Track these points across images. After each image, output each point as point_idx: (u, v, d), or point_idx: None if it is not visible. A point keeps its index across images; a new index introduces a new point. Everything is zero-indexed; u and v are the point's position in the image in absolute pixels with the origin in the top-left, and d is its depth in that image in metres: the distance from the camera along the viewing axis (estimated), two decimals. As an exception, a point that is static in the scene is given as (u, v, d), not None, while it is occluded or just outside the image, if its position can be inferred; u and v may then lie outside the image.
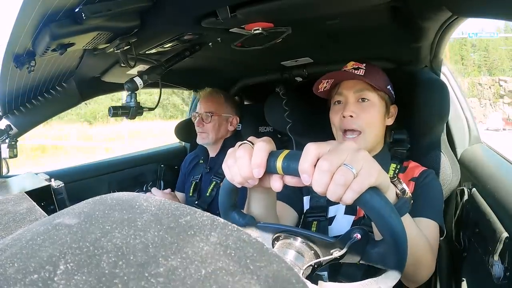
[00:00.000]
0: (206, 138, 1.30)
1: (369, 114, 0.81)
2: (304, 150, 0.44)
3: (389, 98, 0.86)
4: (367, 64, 0.85)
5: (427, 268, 0.62)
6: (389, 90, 0.86)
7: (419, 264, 0.59)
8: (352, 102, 0.83)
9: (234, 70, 1.42)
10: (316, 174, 0.42)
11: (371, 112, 0.82)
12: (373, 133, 0.82)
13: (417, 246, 0.57)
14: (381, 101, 0.84)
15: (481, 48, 38.26)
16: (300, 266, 0.50)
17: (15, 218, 0.47)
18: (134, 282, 0.17)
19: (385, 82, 0.85)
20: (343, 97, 0.84)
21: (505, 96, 29.43)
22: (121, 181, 1.51)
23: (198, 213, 0.24)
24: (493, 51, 36.85)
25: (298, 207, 0.89)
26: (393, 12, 0.72)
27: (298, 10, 0.67)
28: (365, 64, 0.85)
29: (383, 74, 0.88)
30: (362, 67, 0.84)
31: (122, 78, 1.05)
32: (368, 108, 0.82)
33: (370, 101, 0.82)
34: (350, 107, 0.82)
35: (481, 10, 0.55)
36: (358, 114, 0.81)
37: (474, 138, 1.08)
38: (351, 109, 0.81)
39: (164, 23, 0.73)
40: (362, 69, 0.84)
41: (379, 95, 0.83)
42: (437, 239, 0.71)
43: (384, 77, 0.87)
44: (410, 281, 0.63)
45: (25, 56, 0.72)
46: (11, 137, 1.07)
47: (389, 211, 0.43)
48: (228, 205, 0.60)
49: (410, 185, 0.80)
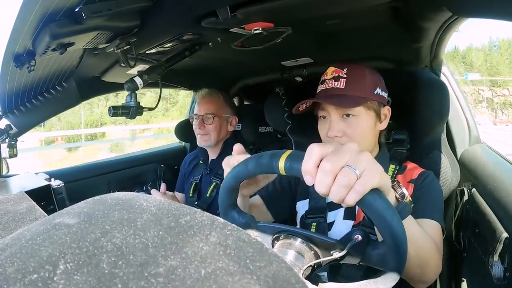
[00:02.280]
0: (208, 140, 1.29)
1: (355, 130, 0.77)
2: (307, 151, 0.44)
3: (379, 103, 0.80)
4: (349, 69, 0.79)
5: (435, 268, 0.62)
6: (378, 94, 0.79)
7: (426, 265, 0.59)
8: (336, 120, 0.78)
9: (234, 70, 1.42)
10: (319, 175, 0.42)
11: (358, 127, 0.77)
12: (362, 143, 0.78)
13: (422, 247, 0.57)
14: (368, 112, 0.78)
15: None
16: (300, 267, 0.50)
17: (15, 217, 0.47)
18: (134, 282, 0.17)
19: (372, 87, 0.78)
20: (327, 112, 0.79)
21: (483, 101, 40.85)
22: (121, 181, 1.51)
23: (198, 213, 0.24)
24: (476, 66, 46.05)
25: (276, 210, 0.89)
26: (393, 12, 0.72)
27: (298, 10, 0.67)
28: (347, 70, 0.78)
29: (371, 74, 0.80)
30: (342, 75, 0.78)
31: (122, 78, 1.05)
32: (354, 123, 0.77)
33: (355, 116, 0.77)
34: (334, 127, 0.77)
35: (481, 10, 0.55)
36: (343, 132, 0.77)
37: (474, 138, 1.07)
38: (336, 129, 0.77)
39: (164, 23, 0.73)
40: (343, 78, 0.78)
41: (365, 106, 0.77)
42: (441, 238, 0.70)
43: (372, 79, 0.79)
44: (418, 282, 0.63)
45: (25, 56, 0.72)
46: (11, 137, 1.07)
47: (391, 213, 0.43)
48: (228, 204, 0.60)
49: (409, 187, 0.79)
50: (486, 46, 45.13)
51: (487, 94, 40.58)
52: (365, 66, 0.81)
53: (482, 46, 45.22)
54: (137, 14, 0.68)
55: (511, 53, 42.00)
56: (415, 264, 0.57)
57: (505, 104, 39.26)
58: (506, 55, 42.34)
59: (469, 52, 45.24)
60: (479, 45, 42.97)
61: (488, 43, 45.96)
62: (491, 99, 40.36)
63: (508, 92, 38.66)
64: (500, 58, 42.77)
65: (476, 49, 45.32)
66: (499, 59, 42.64)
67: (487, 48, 45.01)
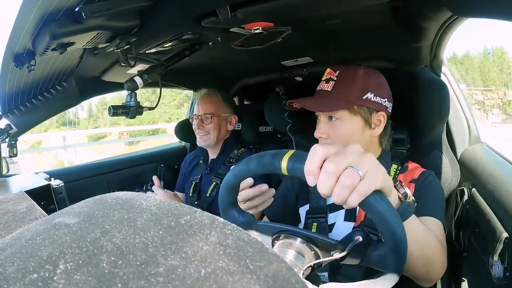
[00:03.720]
0: (207, 140, 1.29)
1: (339, 133, 0.78)
2: (310, 151, 0.44)
3: (368, 109, 0.78)
4: (342, 71, 0.79)
5: (441, 266, 0.62)
6: (369, 99, 0.77)
7: (432, 264, 0.59)
8: (324, 121, 0.80)
9: (234, 70, 1.42)
10: (322, 175, 0.42)
11: (341, 130, 0.78)
12: None
13: (427, 246, 0.58)
14: (353, 117, 0.78)
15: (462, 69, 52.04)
16: (300, 266, 0.50)
17: (15, 217, 0.47)
18: (134, 281, 0.17)
19: (361, 92, 0.77)
20: (318, 113, 0.82)
21: (475, 104, 44.97)
22: (121, 181, 1.51)
23: (198, 212, 0.24)
24: (470, 73, 50.02)
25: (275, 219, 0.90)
26: (393, 12, 0.72)
27: (298, 10, 0.67)
28: (339, 72, 0.79)
29: (365, 78, 0.79)
30: (333, 77, 0.79)
31: (122, 78, 1.05)
32: (338, 127, 0.78)
33: (338, 119, 0.78)
34: (320, 128, 0.80)
35: (481, 10, 0.55)
36: (328, 134, 0.79)
37: (474, 138, 1.07)
38: (321, 131, 0.80)
39: (164, 23, 0.73)
40: (333, 80, 0.79)
41: (349, 111, 0.77)
42: (444, 236, 0.71)
43: (364, 84, 0.78)
44: (424, 281, 0.63)
45: (25, 56, 0.72)
46: (11, 136, 1.07)
47: (392, 215, 0.43)
48: (228, 203, 0.60)
49: (410, 186, 0.79)
50: (481, 53, 50.58)
51: (479, 97, 46.38)
52: (362, 70, 0.80)
53: (477, 53, 50.89)
54: (137, 13, 0.68)
55: (501, 61, 48.09)
56: (421, 263, 0.57)
57: (494, 106, 46.35)
58: (497, 63, 48.13)
59: (465, 60, 50.66)
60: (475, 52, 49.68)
61: (483, 50, 51.08)
62: (483, 102, 46.22)
63: (497, 96, 45.61)
64: (491, 66, 48.68)
65: (472, 57, 50.88)
66: (490, 67, 48.28)
67: (482, 55, 50.40)
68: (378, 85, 0.81)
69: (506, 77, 46.60)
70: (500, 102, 44.90)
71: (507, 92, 45.14)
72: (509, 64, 47.20)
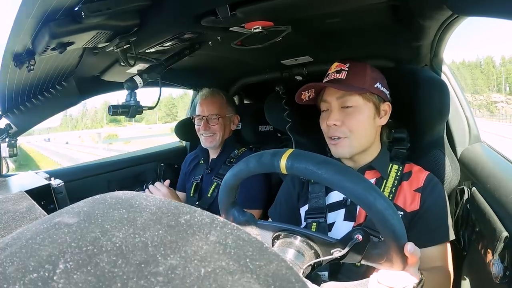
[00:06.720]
0: (213, 141, 1.28)
1: (354, 120, 0.80)
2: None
3: (379, 97, 0.82)
4: (352, 63, 0.82)
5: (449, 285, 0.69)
6: (379, 88, 0.82)
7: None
8: (336, 109, 0.81)
9: (234, 69, 1.42)
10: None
11: (356, 117, 0.80)
12: (361, 136, 0.81)
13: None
14: (367, 103, 0.80)
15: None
16: (300, 265, 0.50)
17: (14, 217, 0.47)
18: (134, 281, 0.17)
19: (372, 81, 0.81)
20: (328, 104, 0.83)
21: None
22: (121, 180, 1.51)
23: (198, 212, 0.24)
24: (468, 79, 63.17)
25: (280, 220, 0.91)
26: (393, 11, 0.72)
27: (298, 9, 0.67)
28: (349, 64, 0.82)
29: (372, 70, 0.83)
30: (345, 68, 0.81)
31: (122, 77, 1.05)
32: (353, 114, 0.80)
33: (353, 106, 0.80)
34: (333, 116, 0.80)
35: (481, 9, 0.55)
36: (342, 121, 0.80)
37: (474, 137, 1.07)
38: (335, 118, 0.80)
39: (164, 22, 0.73)
40: (345, 71, 0.81)
41: (363, 97, 0.80)
42: (450, 256, 0.74)
43: (373, 75, 0.82)
44: None
45: (24, 55, 0.72)
46: (11, 136, 1.07)
47: (391, 213, 0.43)
48: (228, 202, 0.60)
49: (415, 196, 0.78)
50: (472, 62, 63.30)
51: (469, 99, 56.41)
52: (368, 65, 0.84)
53: (469, 63, 63.85)
54: (137, 13, 0.68)
55: (488, 70, 59.97)
56: None
57: (481, 105, 60.19)
58: (486, 71, 59.93)
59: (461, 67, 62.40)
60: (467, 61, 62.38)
61: (475, 59, 64.08)
62: (471, 102, 56.98)
63: (483, 98, 59.70)
64: (480, 74, 60.47)
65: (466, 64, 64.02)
66: (478, 75, 59.38)
67: (474, 65, 63.07)
68: (382, 78, 0.85)
69: (491, 84, 60.78)
70: (485, 102, 60.43)
71: (491, 95, 60.76)
72: (493, 73, 61.68)
